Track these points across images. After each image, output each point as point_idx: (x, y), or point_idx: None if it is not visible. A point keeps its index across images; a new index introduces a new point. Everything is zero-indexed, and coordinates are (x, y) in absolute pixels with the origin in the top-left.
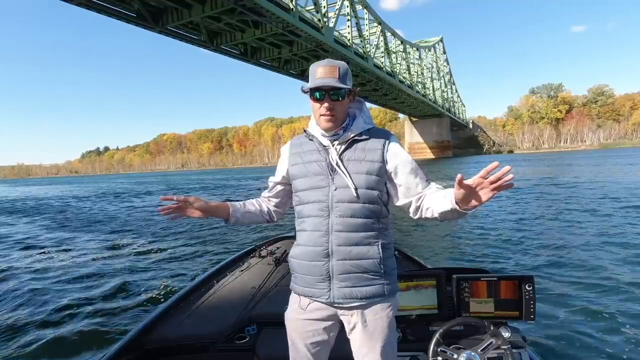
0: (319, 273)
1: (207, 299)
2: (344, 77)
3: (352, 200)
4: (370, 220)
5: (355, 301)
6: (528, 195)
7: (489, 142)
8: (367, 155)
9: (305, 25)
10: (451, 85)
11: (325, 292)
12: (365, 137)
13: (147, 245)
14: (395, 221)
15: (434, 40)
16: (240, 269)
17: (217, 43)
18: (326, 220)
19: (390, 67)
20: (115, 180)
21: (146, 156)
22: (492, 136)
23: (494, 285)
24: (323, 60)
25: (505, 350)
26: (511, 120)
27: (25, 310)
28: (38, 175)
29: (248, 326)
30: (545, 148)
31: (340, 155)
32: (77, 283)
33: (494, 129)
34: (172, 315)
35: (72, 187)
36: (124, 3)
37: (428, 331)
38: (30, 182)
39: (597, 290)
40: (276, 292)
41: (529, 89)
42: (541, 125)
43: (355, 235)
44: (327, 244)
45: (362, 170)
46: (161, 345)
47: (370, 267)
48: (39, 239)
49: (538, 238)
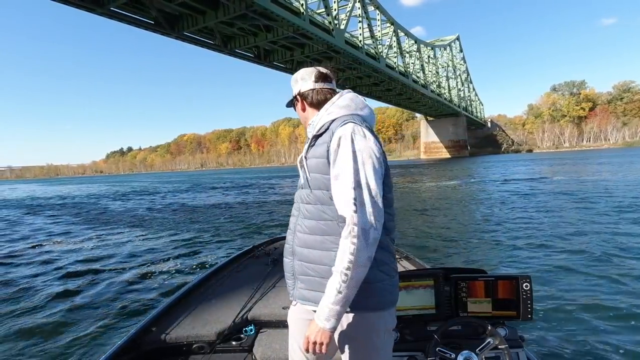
0: (287, 269)
1: (205, 300)
2: (292, 85)
3: (307, 201)
4: (327, 223)
5: (316, 305)
6: (528, 196)
7: (508, 141)
8: (316, 151)
9: (316, 29)
10: (468, 84)
11: (291, 290)
12: (323, 131)
13: (145, 246)
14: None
15: (450, 39)
16: (238, 270)
17: (231, 47)
18: (294, 219)
19: (404, 67)
20: (140, 179)
21: (167, 156)
22: (511, 135)
23: (491, 285)
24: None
25: (503, 349)
26: (531, 119)
27: (22, 309)
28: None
29: (245, 327)
30: (566, 147)
31: (306, 153)
32: (75, 283)
33: (513, 128)
34: (169, 316)
35: (108, 186)
36: (142, 11)
37: (426, 331)
38: (62, 180)
39: (595, 290)
40: (273, 293)
41: (550, 87)
42: (562, 123)
43: (310, 238)
44: (292, 243)
45: (315, 169)
46: (159, 346)
47: (326, 273)
48: (38, 236)
49: (536, 238)
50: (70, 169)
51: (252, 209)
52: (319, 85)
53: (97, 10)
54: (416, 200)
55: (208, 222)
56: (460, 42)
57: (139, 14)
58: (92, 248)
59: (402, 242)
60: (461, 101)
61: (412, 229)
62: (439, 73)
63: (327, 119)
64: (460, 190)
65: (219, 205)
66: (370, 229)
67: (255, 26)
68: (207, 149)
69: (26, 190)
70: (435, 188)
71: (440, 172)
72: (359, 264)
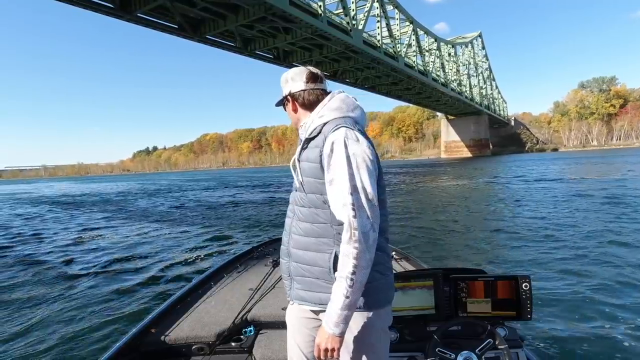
0: (284, 271)
1: (205, 301)
2: (282, 85)
3: (301, 204)
4: (321, 226)
5: (310, 305)
6: (540, 195)
7: (532, 140)
8: (309, 155)
9: (334, 29)
10: (491, 82)
11: (288, 290)
12: (316, 134)
13: (144, 246)
14: (390, 222)
15: (471, 36)
16: (237, 271)
17: (251, 49)
18: (290, 220)
19: (423, 65)
20: (168, 177)
21: (190, 155)
22: (536, 133)
23: (490, 285)
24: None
25: (503, 349)
26: (557, 117)
27: (21, 310)
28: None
29: (245, 327)
30: (593, 145)
31: (299, 156)
32: (73, 283)
33: (538, 126)
34: (169, 317)
35: (137, 184)
36: (166, 17)
37: (425, 331)
38: (92, 179)
39: (594, 290)
40: (273, 294)
41: (578, 83)
42: (590, 121)
43: (305, 240)
44: (287, 245)
45: (308, 173)
46: (158, 347)
47: (320, 275)
48: (56, 231)
49: (535, 238)
50: (99, 168)
51: (275, 207)
52: (310, 85)
53: (126, 17)
54: (420, 200)
55: (230, 218)
56: (482, 39)
57: (164, 19)
58: (96, 246)
59: (399, 242)
60: (483, 99)
61: (408, 230)
62: (459, 71)
63: (318, 122)
64: (468, 190)
65: (242, 203)
66: (370, 231)
67: (274, 28)
68: (228, 148)
69: (61, 188)
70: (443, 187)
71: (455, 171)
72: (362, 267)
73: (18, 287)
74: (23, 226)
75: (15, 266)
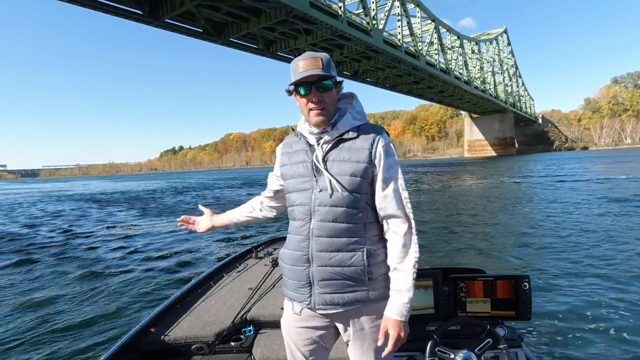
0: (299, 278)
1: (204, 300)
2: (328, 66)
3: (334, 204)
4: (354, 226)
5: (338, 307)
6: (530, 196)
7: (561, 138)
8: (352, 155)
9: (354, 30)
10: (517, 79)
11: (306, 298)
12: (353, 136)
13: (143, 246)
14: None
15: (496, 32)
16: (237, 270)
17: (273, 50)
18: (307, 224)
19: (445, 63)
20: (196, 176)
21: (214, 154)
22: (565, 131)
23: (490, 285)
24: (303, 55)
25: (502, 349)
26: (588, 114)
27: (21, 309)
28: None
29: (245, 327)
30: (627, 144)
31: (325, 155)
32: (72, 282)
33: (567, 124)
34: (169, 317)
35: (166, 183)
36: (192, 21)
37: (425, 331)
38: (124, 178)
39: (594, 289)
40: (273, 293)
41: (611, 79)
42: (624, 118)
43: (336, 241)
44: (307, 249)
45: (347, 172)
46: (158, 347)
47: (352, 274)
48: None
49: (535, 238)
50: (128, 167)
51: None
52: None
53: (154, 23)
54: (427, 200)
55: None
56: (507, 35)
57: (190, 24)
58: (88, 248)
59: None
60: (508, 97)
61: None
62: (483, 68)
63: (353, 123)
64: (481, 189)
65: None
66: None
67: (295, 30)
68: (252, 148)
69: (96, 186)
70: (454, 186)
71: (474, 170)
72: (418, 253)
73: (17, 285)
74: (53, 223)
75: (21, 265)
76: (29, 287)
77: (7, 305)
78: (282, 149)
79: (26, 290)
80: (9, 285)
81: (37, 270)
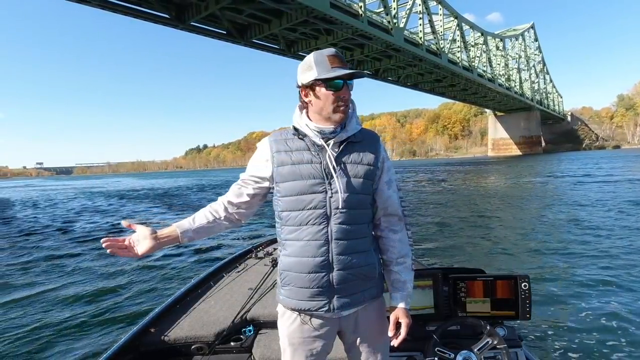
0: (318, 285)
1: (204, 301)
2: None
3: (350, 206)
4: (364, 226)
5: (353, 308)
6: (529, 196)
7: (591, 137)
8: (363, 158)
9: (375, 29)
10: (544, 75)
11: (325, 304)
12: (360, 139)
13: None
14: None
15: (522, 28)
16: (237, 270)
17: (294, 50)
18: (325, 228)
19: (468, 61)
20: (217, 174)
21: (237, 153)
22: (596, 130)
23: (490, 285)
24: (328, 49)
25: (502, 349)
26: (621, 111)
27: (20, 308)
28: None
29: (245, 327)
30: None
31: (337, 157)
32: (72, 283)
33: (598, 122)
34: (168, 317)
35: (193, 180)
36: (216, 24)
37: (425, 331)
38: (152, 175)
39: (593, 289)
40: (273, 293)
41: None
42: None
43: (354, 243)
44: (327, 254)
45: (360, 174)
46: (158, 347)
47: (369, 273)
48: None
49: (534, 238)
50: (155, 165)
51: None
52: None
53: (180, 26)
54: (432, 200)
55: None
56: (534, 31)
57: (214, 26)
58: (86, 248)
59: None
60: (535, 94)
61: (417, 227)
62: (508, 65)
63: (357, 127)
64: (496, 189)
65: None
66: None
67: (316, 30)
68: None
69: (127, 183)
70: (467, 187)
71: (495, 169)
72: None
73: (15, 284)
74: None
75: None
76: (28, 281)
77: (7, 305)
78: (275, 146)
79: (24, 290)
80: (8, 286)
81: (39, 267)
